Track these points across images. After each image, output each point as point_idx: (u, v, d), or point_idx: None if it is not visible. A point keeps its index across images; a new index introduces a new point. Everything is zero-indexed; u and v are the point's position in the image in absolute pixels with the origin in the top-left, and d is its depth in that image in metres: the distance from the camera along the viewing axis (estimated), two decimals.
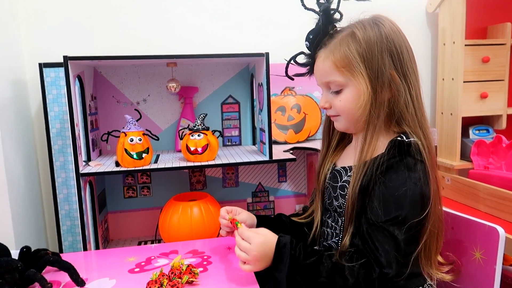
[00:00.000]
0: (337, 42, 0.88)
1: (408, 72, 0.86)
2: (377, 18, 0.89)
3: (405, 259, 0.81)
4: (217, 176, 1.62)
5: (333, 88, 0.89)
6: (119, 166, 1.25)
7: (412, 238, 0.83)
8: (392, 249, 0.80)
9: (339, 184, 0.93)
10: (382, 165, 0.83)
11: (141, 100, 1.53)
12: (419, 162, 0.83)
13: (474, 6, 1.72)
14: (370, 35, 0.85)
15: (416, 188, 0.82)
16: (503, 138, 1.46)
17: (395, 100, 0.85)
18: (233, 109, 1.61)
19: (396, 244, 0.80)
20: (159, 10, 1.59)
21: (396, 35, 0.86)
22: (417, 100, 0.88)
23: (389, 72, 0.84)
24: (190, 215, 1.33)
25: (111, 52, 1.52)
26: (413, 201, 0.82)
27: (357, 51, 0.85)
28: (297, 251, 0.85)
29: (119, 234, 1.57)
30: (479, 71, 1.65)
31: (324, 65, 0.89)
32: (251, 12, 1.65)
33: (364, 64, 0.85)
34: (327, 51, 0.89)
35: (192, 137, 1.28)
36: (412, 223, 0.81)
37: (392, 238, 0.80)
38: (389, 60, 0.85)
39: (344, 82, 0.87)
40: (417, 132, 0.86)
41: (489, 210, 1.39)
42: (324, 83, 0.91)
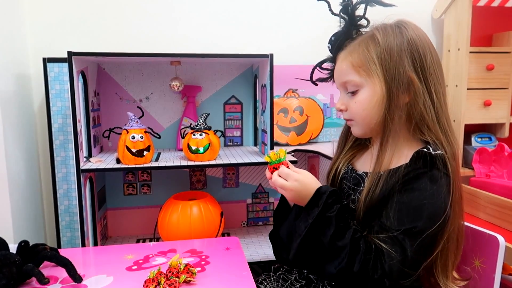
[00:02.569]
0: (357, 43, 0.89)
1: (431, 76, 0.85)
2: (401, 21, 0.89)
3: (411, 270, 0.80)
4: (218, 176, 1.61)
5: (349, 89, 0.89)
6: (120, 163, 1.25)
7: (423, 250, 0.81)
8: (398, 260, 0.79)
9: (360, 189, 0.91)
10: (406, 175, 0.81)
11: (144, 98, 1.53)
12: (445, 176, 0.81)
13: (480, 14, 1.72)
14: (390, 38, 0.85)
15: (437, 202, 0.80)
16: (506, 147, 1.46)
17: (413, 104, 0.84)
18: (236, 109, 1.61)
19: (403, 255, 0.79)
20: (165, 8, 1.59)
21: (419, 39, 0.86)
22: (440, 106, 0.85)
23: (408, 75, 0.83)
24: (189, 214, 1.33)
25: (116, 48, 1.52)
26: (431, 215, 0.80)
27: (375, 52, 0.85)
28: (333, 205, 0.84)
29: (118, 231, 1.57)
30: (483, 79, 1.65)
31: (342, 65, 0.90)
32: (256, 13, 1.65)
33: (381, 65, 0.84)
34: (346, 52, 0.90)
35: (194, 136, 1.28)
36: (426, 236, 0.79)
37: (401, 248, 0.79)
38: (408, 63, 0.84)
39: (360, 82, 0.87)
40: (440, 139, 0.84)
41: (490, 218, 1.39)
42: (341, 83, 0.91)
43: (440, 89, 0.85)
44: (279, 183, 0.88)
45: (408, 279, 0.80)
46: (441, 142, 0.84)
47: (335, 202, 0.85)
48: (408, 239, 0.79)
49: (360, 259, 0.79)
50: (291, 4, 1.66)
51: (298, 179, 0.87)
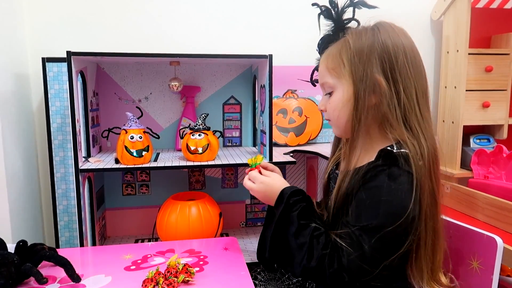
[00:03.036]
0: (334, 46, 0.91)
1: (401, 77, 0.85)
2: (377, 24, 0.90)
3: (370, 267, 0.80)
4: (216, 176, 1.62)
5: (326, 90, 0.92)
6: (118, 163, 1.25)
7: (382, 248, 0.80)
8: (356, 255, 0.79)
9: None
10: (367, 173, 0.83)
11: (143, 98, 1.53)
12: (406, 174, 0.81)
13: (479, 15, 1.72)
14: (362, 40, 0.86)
15: (395, 200, 0.80)
16: (504, 148, 1.46)
17: (379, 105, 0.85)
18: (235, 109, 1.61)
19: (361, 251, 0.79)
20: (164, 8, 1.59)
21: (391, 40, 0.86)
22: (411, 106, 0.85)
23: (375, 77, 0.84)
24: (188, 214, 1.33)
25: (115, 49, 1.51)
26: (388, 212, 0.80)
27: (346, 55, 0.87)
28: (296, 204, 0.88)
29: (116, 231, 1.57)
30: (482, 80, 1.65)
31: (321, 68, 0.93)
32: (255, 13, 1.66)
33: (350, 68, 0.86)
34: (324, 55, 0.93)
35: (192, 136, 1.28)
36: (385, 234, 0.79)
37: (357, 244, 0.80)
38: (377, 65, 0.84)
39: (333, 84, 0.89)
40: (405, 139, 0.84)
41: (488, 219, 1.39)
42: (320, 85, 0.94)
43: (412, 90, 0.85)
44: (247, 186, 0.97)
45: (368, 276, 0.80)
46: (406, 141, 0.84)
47: (299, 201, 0.88)
48: (365, 236, 0.79)
49: (317, 254, 0.82)
50: (290, 5, 1.66)
51: (264, 181, 0.94)
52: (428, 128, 0.87)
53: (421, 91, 0.86)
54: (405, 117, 0.85)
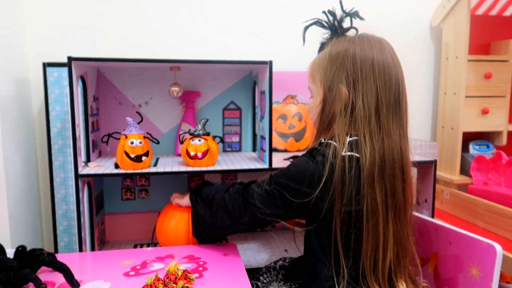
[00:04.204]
0: (319, 54, 1.01)
1: (362, 88, 0.91)
2: (358, 35, 0.97)
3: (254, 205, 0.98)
4: (216, 181, 1.61)
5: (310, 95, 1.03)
6: (118, 168, 1.25)
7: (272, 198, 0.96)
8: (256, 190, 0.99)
9: None
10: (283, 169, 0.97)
11: (143, 103, 1.53)
12: (321, 156, 0.90)
13: (478, 22, 1.73)
14: (336, 50, 0.95)
15: (302, 168, 0.91)
16: (503, 155, 1.46)
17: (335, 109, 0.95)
18: (235, 115, 1.61)
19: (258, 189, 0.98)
20: (165, 13, 1.60)
21: (363, 52, 0.92)
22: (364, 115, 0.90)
23: (339, 86, 0.92)
24: (188, 220, 1.32)
25: (115, 54, 1.52)
26: (291, 174, 0.93)
27: (322, 63, 0.97)
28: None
29: (115, 236, 1.56)
30: (481, 87, 1.66)
31: (307, 74, 1.03)
32: (256, 19, 1.66)
33: (324, 75, 0.96)
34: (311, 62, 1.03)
35: (192, 142, 1.28)
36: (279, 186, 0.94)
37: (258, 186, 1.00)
38: (342, 74, 0.92)
39: (312, 89, 1.01)
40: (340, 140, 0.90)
41: (487, 226, 1.39)
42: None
43: (371, 101, 0.90)
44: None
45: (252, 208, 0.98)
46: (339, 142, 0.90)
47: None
48: (267, 181, 0.98)
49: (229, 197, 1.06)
50: (291, 10, 1.67)
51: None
52: (386, 138, 0.90)
53: (385, 103, 0.91)
54: (354, 125, 0.91)
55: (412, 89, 1.84)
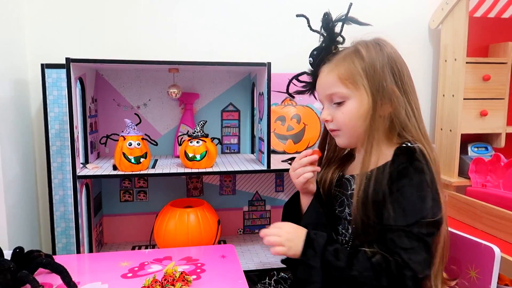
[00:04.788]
0: (341, 57, 0.94)
1: (408, 88, 0.92)
2: (379, 39, 0.95)
3: (432, 260, 0.84)
4: (214, 183, 1.61)
5: (335, 100, 0.93)
6: (116, 169, 1.25)
7: (435, 239, 0.85)
8: (422, 251, 0.81)
9: (349, 193, 0.96)
10: (393, 173, 0.86)
11: (141, 104, 1.53)
12: (426, 165, 0.85)
13: (477, 24, 1.73)
14: (373, 53, 0.92)
15: (433, 188, 0.85)
16: (502, 157, 1.46)
17: (396, 114, 0.90)
18: (233, 117, 1.61)
19: (425, 246, 0.81)
20: (164, 15, 1.59)
21: (396, 55, 0.93)
22: (418, 115, 0.93)
23: (390, 87, 0.89)
24: (187, 221, 1.33)
25: (114, 55, 1.52)
26: (433, 201, 0.84)
27: (361, 66, 0.90)
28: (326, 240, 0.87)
29: (113, 237, 1.56)
30: (480, 89, 1.66)
31: (328, 78, 0.94)
32: (254, 21, 1.66)
33: (366, 78, 0.90)
34: (331, 65, 0.95)
35: (191, 143, 1.28)
36: (435, 223, 0.83)
37: (421, 241, 0.81)
38: (390, 77, 0.90)
39: (347, 94, 0.91)
40: (422, 142, 0.89)
41: (486, 228, 1.39)
42: (327, 95, 0.95)
43: (416, 100, 0.93)
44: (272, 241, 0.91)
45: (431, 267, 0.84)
46: (423, 144, 0.89)
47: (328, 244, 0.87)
48: (424, 229, 0.81)
49: (384, 274, 0.81)
50: (289, 12, 1.67)
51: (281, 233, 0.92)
52: (427, 134, 0.93)
53: (418, 102, 0.94)
54: (417, 124, 0.91)
55: None
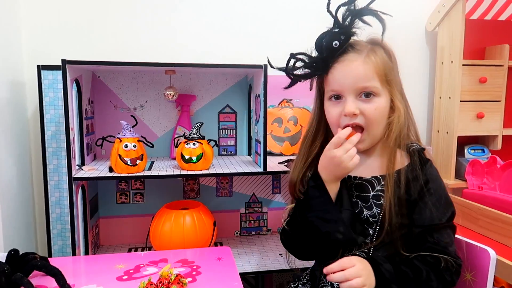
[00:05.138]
0: (370, 49, 0.90)
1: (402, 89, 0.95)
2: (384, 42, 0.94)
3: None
4: (211, 185, 1.61)
5: (365, 92, 0.89)
6: (112, 171, 1.24)
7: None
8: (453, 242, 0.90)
9: (373, 194, 0.92)
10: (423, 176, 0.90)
11: (138, 106, 1.53)
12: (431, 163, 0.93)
13: (473, 27, 1.74)
14: (388, 53, 0.92)
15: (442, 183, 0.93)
16: (498, 159, 1.46)
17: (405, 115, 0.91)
18: (230, 118, 1.61)
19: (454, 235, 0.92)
20: (161, 17, 1.59)
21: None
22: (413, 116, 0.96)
23: (402, 87, 0.94)
24: (182, 223, 1.32)
25: (110, 57, 1.52)
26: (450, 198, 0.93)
27: (394, 64, 0.92)
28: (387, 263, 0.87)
29: (110, 239, 1.56)
30: (476, 91, 1.66)
31: (363, 69, 0.89)
32: (252, 23, 1.66)
33: (396, 79, 0.92)
34: (362, 55, 0.90)
35: (187, 145, 1.28)
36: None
37: (454, 232, 0.91)
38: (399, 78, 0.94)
39: (380, 90, 0.89)
40: (420, 143, 0.94)
41: (482, 230, 1.39)
42: (358, 87, 0.89)
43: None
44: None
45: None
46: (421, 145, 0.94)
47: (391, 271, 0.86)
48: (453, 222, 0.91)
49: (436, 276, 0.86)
50: (286, 14, 1.67)
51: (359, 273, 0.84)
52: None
53: None
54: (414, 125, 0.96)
55: (408, 93, 1.83)
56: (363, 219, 0.93)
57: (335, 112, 0.93)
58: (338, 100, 0.93)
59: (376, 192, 0.93)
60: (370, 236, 0.92)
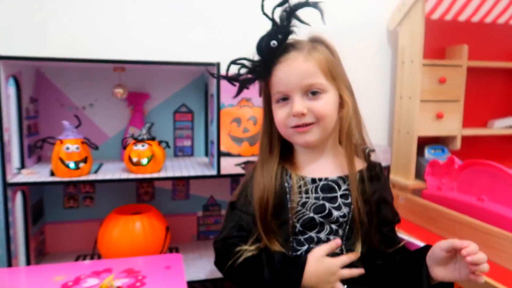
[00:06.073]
0: (311, 46, 0.90)
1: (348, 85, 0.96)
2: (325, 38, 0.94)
3: None
4: (167, 187, 1.54)
5: (311, 90, 0.88)
6: (53, 175, 1.16)
7: None
8: None
9: (340, 193, 0.92)
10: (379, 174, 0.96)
11: (87, 105, 1.44)
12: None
13: (434, 26, 1.73)
14: (330, 50, 0.92)
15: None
16: (456, 160, 1.46)
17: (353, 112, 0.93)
18: (186, 118, 1.54)
19: None
20: (110, 10, 1.49)
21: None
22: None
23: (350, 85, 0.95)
24: (131, 229, 1.25)
25: (55, 52, 1.41)
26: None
27: (336, 59, 0.92)
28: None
29: (58, 246, 1.46)
30: (436, 91, 1.66)
31: (306, 66, 0.87)
32: (209, 19, 1.59)
33: (341, 73, 0.92)
34: (304, 52, 0.88)
35: (135, 147, 1.20)
36: None
37: None
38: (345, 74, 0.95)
39: (326, 86, 0.88)
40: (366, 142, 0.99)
41: (440, 232, 1.38)
42: (304, 85, 0.88)
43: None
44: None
45: None
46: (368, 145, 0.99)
47: None
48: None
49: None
50: (245, 12, 1.61)
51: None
52: None
53: None
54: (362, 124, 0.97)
55: (370, 93, 1.83)
56: (333, 220, 0.91)
57: (283, 114, 0.92)
58: (286, 101, 0.91)
59: (343, 192, 0.92)
60: (340, 236, 0.91)
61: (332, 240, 0.90)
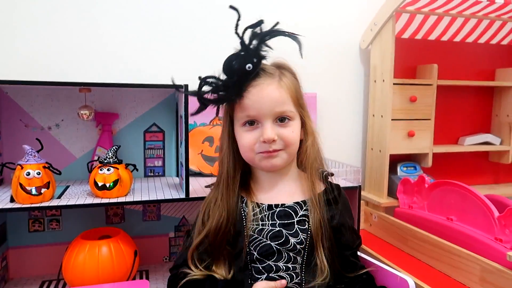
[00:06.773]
0: (282, 73, 0.90)
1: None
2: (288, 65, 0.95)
3: None
4: (137, 209, 1.50)
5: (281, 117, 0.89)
6: (13, 201, 1.11)
7: None
8: None
9: (297, 219, 0.91)
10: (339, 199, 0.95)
11: (53, 125, 1.40)
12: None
13: (404, 46, 1.75)
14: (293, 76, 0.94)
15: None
16: (426, 179, 1.47)
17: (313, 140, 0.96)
18: (157, 138, 1.52)
19: None
20: (75, 31, 1.46)
21: None
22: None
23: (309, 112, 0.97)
24: (97, 255, 1.21)
25: (18, 72, 1.37)
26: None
27: (300, 87, 0.94)
28: None
29: (21, 272, 1.41)
30: (407, 110, 1.67)
31: (281, 92, 0.88)
32: (178, 39, 1.56)
33: (302, 101, 0.93)
34: (276, 79, 0.89)
35: (100, 171, 1.17)
36: None
37: None
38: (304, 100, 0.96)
39: (295, 114, 0.90)
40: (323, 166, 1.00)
41: (412, 251, 1.38)
42: (276, 112, 0.88)
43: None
44: None
45: None
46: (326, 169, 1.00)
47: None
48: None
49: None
50: (215, 32, 1.59)
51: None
52: None
53: None
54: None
55: (344, 111, 1.83)
56: (290, 248, 0.89)
57: (250, 138, 0.91)
58: (253, 126, 0.90)
59: (299, 218, 0.91)
60: (299, 265, 0.89)
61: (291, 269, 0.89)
